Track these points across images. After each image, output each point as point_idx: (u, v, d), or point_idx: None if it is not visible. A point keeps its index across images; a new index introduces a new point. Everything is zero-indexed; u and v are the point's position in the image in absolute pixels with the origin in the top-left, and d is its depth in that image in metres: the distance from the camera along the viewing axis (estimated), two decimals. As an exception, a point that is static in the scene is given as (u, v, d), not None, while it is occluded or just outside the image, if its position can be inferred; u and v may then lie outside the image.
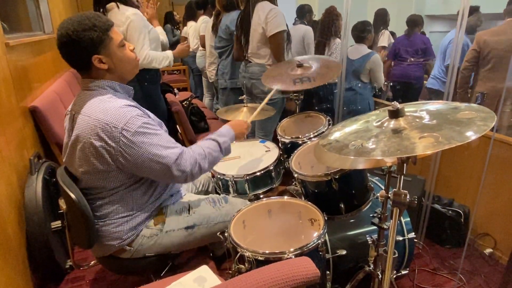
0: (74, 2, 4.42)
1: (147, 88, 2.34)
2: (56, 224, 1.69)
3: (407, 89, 3.61)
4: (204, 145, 1.35)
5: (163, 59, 2.32)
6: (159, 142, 1.19)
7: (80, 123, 1.18)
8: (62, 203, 1.38)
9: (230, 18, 2.73)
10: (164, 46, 2.54)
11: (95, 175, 1.22)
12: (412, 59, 3.52)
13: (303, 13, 3.39)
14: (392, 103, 0.98)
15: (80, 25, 1.12)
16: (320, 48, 3.07)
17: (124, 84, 1.29)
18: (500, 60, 2.51)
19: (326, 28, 3.01)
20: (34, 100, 2.09)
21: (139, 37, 2.18)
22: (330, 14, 3.01)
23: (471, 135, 0.80)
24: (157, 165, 1.19)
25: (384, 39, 3.87)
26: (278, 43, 2.26)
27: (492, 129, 0.90)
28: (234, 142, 1.50)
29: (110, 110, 1.15)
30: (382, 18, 3.82)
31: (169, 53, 2.38)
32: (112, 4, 2.20)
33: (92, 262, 1.99)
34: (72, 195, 1.22)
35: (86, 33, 1.13)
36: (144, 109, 1.30)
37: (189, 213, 1.43)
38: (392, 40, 3.92)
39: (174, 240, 1.38)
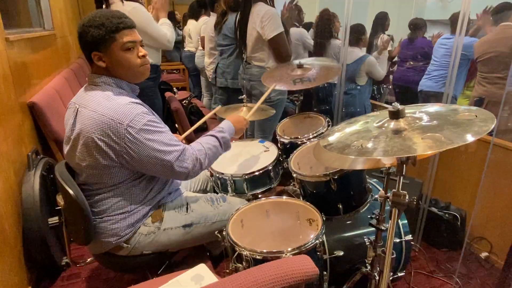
0: (75, -1, 4.41)
1: (143, 83, 2.33)
2: (54, 220, 1.69)
3: (406, 92, 3.63)
4: (203, 142, 1.38)
5: (170, 27, 2.40)
6: (162, 140, 1.22)
7: (84, 117, 1.18)
8: (59, 199, 1.37)
9: None
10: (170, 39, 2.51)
11: (97, 170, 1.22)
12: (412, 63, 3.54)
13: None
14: (393, 103, 0.98)
15: (90, 21, 1.17)
16: (318, 49, 3.10)
17: (131, 84, 1.30)
18: (495, 64, 2.53)
19: (323, 30, 3.03)
20: (33, 96, 2.08)
21: (151, 21, 2.24)
22: (325, 16, 3.03)
23: (472, 135, 0.80)
24: (160, 162, 1.22)
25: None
26: (278, 46, 2.24)
27: (491, 133, 0.90)
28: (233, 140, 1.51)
29: (116, 106, 1.16)
30: (381, 21, 3.83)
31: (163, 20, 2.41)
32: None
33: (89, 259, 1.98)
34: (70, 191, 1.22)
35: (91, 29, 1.17)
36: (148, 106, 1.30)
37: (187, 212, 1.43)
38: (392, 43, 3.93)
39: (172, 238, 1.38)
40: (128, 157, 1.19)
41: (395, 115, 0.98)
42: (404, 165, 0.98)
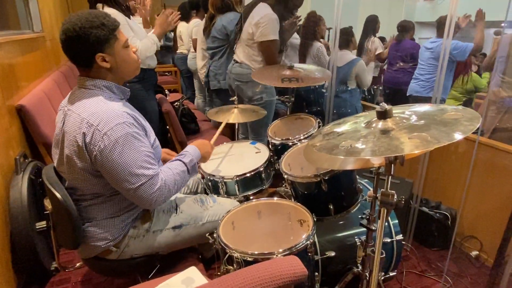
0: (64, 1, 4.37)
1: (132, 87, 2.30)
2: (41, 224, 1.66)
3: (396, 94, 3.67)
4: (173, 168, 1.30)
5: (151, 45, 2.27)
6: (135, 158, 1.14)
7: (69, 120, 1.17)
8: (47, 203, 1.35)
9: (227, 19, 2.71)
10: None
11: (79, 175, 1.20)
12: (402, 64, 3.57)
13: None
14: (380, 103, 0.99)
15: (88, 22, 1.11)
16: (302, 49, 3.14)
17: (121, 86, 1.27)
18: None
19: (309, 31, 3.06)
20: (21, 98, 2.05)
21: (125, 30, 2.14)
22: (311, 18, 3.07)
23: (458, 134, 0.81)
24: (124, 181, 1.15)
25: (376, 46, 3.91)
26: (266, 52, 2.24)
27: (476, 132, 0.92)
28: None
29: (100, 112, 1.13)
30: (371, 24, 3.86)
31: (151, 35, 2.31)
32: (99, 5, 2.18)
33: (78, 264, 1.95)
34: (58, 194, 1.20)
35: (93, 31, 1.11)
36: (137, 114, 1.27)
37: (176, 213, 1.41)
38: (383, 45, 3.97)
39: (161, 240, 1.36)
40: (99, 167, 1.15)
41: (383, 115, 0.99)
42: (393, 165, 0.99)
